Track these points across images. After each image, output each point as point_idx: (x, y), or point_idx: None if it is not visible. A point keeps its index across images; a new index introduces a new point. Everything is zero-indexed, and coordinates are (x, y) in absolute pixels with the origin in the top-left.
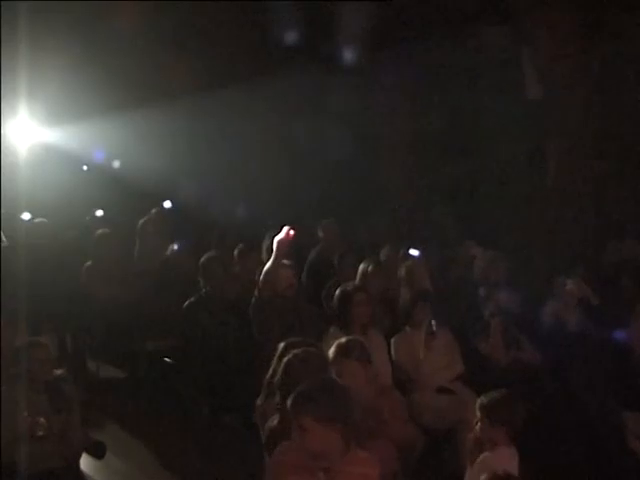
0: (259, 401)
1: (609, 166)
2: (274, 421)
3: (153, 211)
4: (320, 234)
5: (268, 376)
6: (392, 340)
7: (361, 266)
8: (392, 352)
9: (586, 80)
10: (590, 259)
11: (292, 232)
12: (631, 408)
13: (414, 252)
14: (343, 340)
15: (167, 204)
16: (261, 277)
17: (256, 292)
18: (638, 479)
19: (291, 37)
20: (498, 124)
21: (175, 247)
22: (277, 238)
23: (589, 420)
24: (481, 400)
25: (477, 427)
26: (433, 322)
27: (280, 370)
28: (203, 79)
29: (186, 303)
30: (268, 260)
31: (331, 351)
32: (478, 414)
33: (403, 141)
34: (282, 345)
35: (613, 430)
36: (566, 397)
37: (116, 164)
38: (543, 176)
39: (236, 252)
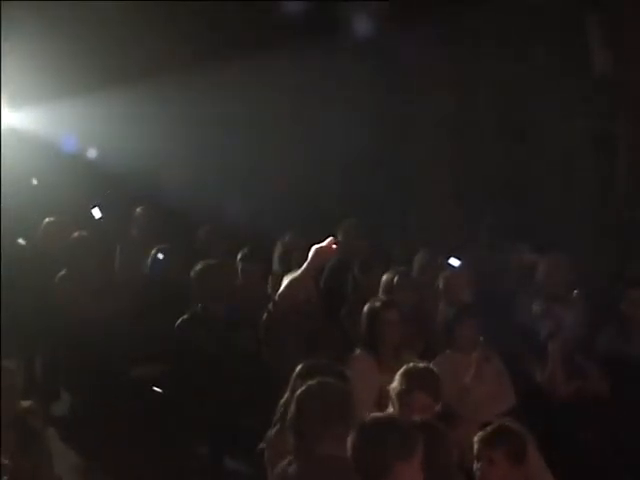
0: (270, 435)
1: None
2: (287, 462)
3: (138, 210)
4: (340, 237)
5: (282, 403)
6: (430, 365)
7: (385, 277)
8: None
9: None
10: None
11: (335, 246)
12: None
13: (454, 261)
14: (414, 367)
15: (157, 202)
16: (282, 288)
17: (270, 306)
18: None
19: (298, 5)
20: (557, 104)
21: (165, 253)
22: (316, 247)
23: None
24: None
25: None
26: (487, 346)
27: (292, 404)
28: (193, 54)
29: (178, 321)
30: (280, 270)
31: (396, 380)
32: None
33: (439, 125)
34: (300, 367)
35: None
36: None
37: (91, 153)
38: (614, 166)
39: (239, 259)
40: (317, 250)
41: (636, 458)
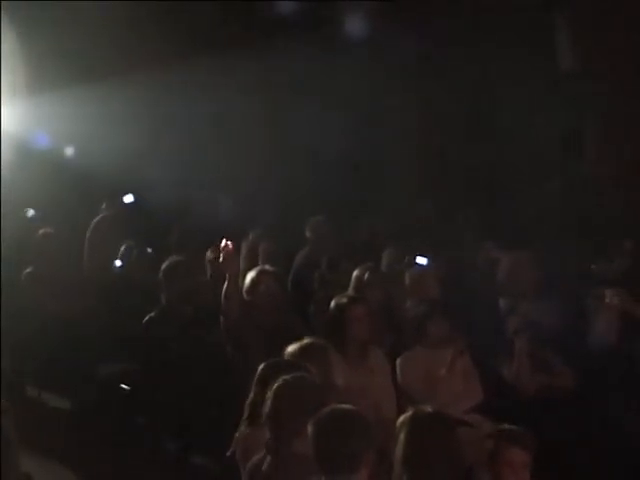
0: (239, 433)
1: None
2: (261, 458)
3: (104, 206)
4: (308, 234)
5: (249, 402)
6: (398, 361)
7: (355, 273)
8: (398, 375)
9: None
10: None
11: (230, 245)
12: None
13: (421, 260)
14: None
15: (128, 198)
16: (222, 298)
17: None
18: None
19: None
20: (525, 100)
21: (133, 250)
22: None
23: (636, 458)
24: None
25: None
26: (459, 339)
27: (270, 400)
28: (171, 50)
29: (145, 318)
30: (247, 266)
31: None
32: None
33: (411, 125)
34: (263, 366)
35: None
36: (607, 432)
37: (64, 151)
38: (580, 164)
39: (208, 256)
40: (221, 263)
41: (601, 452)
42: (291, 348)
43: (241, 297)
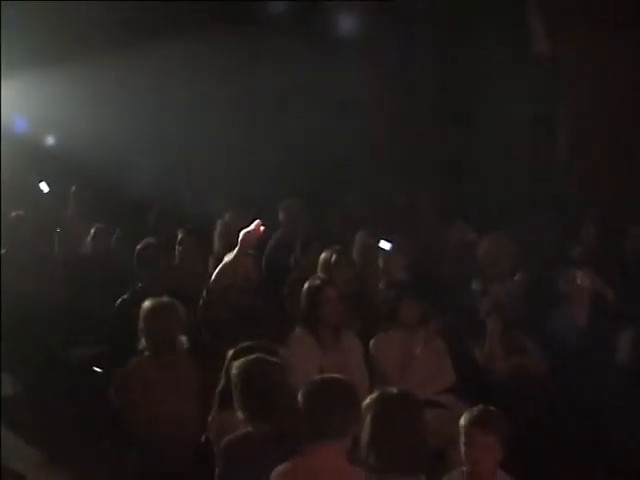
0: (212, 417)
1: (632, 137)
2: (234, 436)
3: (73, 189)
4: (281, 217)
5: (221, 387)
6: (371, 343)
7: (322, 255)
8: (371, 358)
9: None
10: (608, 247)
11: (262, 228)
12: None
13: (386, 244)
14: None
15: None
16: (216, 270)
17: (207, 287)
18: None
19: None
20: (498, 85)
21: (104, 233)
22: (245, 231)
23: (605, 438)
24: (464, 420)
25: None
26: (426, 321)
27: (236, 381)
28: (145, 30)
29: (118, 301)
30: (220, 250)
31: None
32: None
33: (383, 107)
34: (233, 351)
35: (633, 450)
36: (578, 411)
37: (36, 132)
38: (553, 149)
39: (180, 239)
40: (245, 235)
41: (573, 432)
42: None
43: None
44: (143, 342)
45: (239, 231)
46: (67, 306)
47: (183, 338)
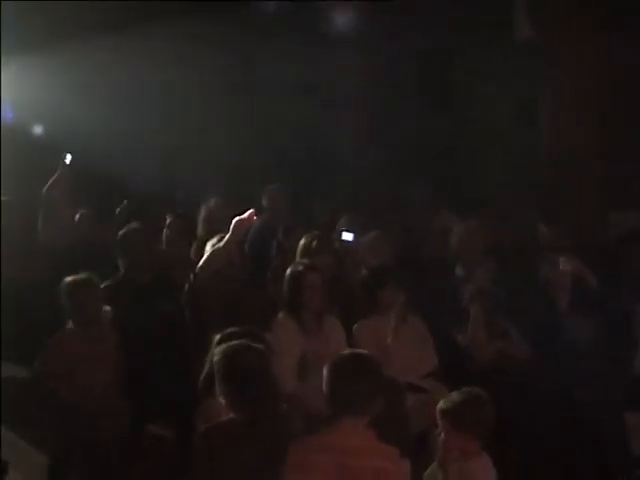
0: (202, 405)
1: (616, 122)
2: (216, 423)
3: (57, 173)
4: (264, 203)
5: (205, 373)
6: (354, 328)
7: (302, 241)
8: (353, 343)
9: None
10: (590, 233)
11: (255, 217)
12: (632, 407)
13: (347, 236)
14: None
15: (68, 159)
16: (205, 256)
17: (193, 273)
18: None
19: None
20: (480, 70)
21: (89, 218)
22: (237, 219)
23: (585, 421)
24: (441, 405)
25: (441, 436)
26: (405, 306)
27: (218, 367)
28: (128, 15)
29: (102, 286)
30: (204, 235)
31: None
32: (440, 421)
33: (360, 92)
34: (219, 337)
35: (612, 432)
36: (559, 395)
37: (20, 118)
38: (536, 134)
39: (168, 223)
40: (238, 222)
41: (555, 417)
42: None
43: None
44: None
45: (223, 217)
46: (50, 291)
47: (107, 308)
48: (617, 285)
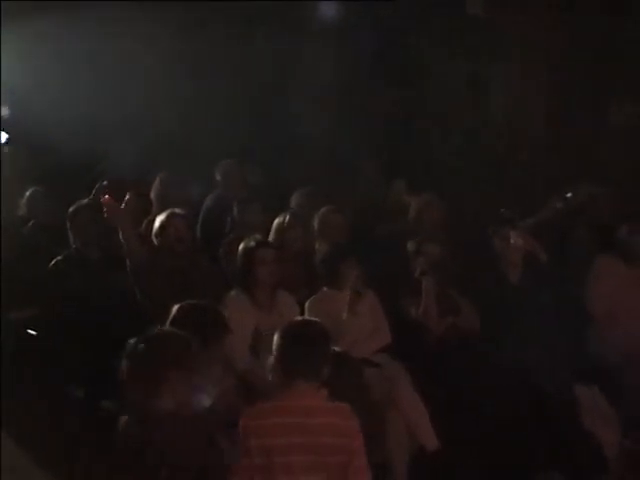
0: None
1: (566, 96)
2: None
3: (5, 150)
4: (218, 177)
5: None
6: (307, 303)
7: (277, 220)
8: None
9: None
10: (541, 207)
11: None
12: (584, 381)
13: None
14: None
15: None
16: (154, 230)
17: (142, 248)
18: (592, 458)
19: None
20: (430, 44)
21: (40, 194)
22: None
23: (536, 395)
24: None
25: None
26: (359, 280)
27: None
28: None
29: (52, 262)
30: (158, 209)
31: None
32: None
33: (317, 70)
34: (177, 308)
35: (563, 406)
36: (510, 368)
37: None
38: (488, 108)
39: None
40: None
41: (505, 390)
42: None
43: (150, 240)
44: None
45: (174, 194)
46: (2, 268)
47: None
48: (567, 260)
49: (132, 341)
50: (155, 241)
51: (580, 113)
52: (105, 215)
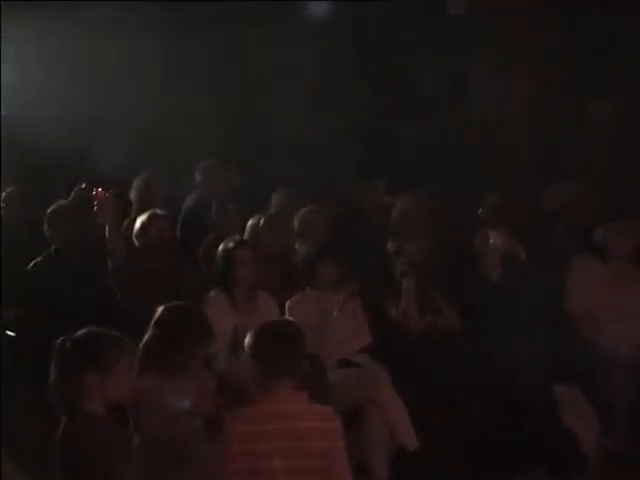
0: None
1: (547, 91)
2: None
3: None
4: (198, 178)
5: (143, 346)
6: (287, 304)
7: (251, 221)
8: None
9: None
10: (521, 205)
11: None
12: (563, 380)
13: None
14: None
15: None
16: (135, 231)
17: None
18: (571, 457)
19: None
20: (411, 43)
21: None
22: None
23: (515, 394)
24: None
25: None
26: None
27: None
28: None
29: (31, 264)
30: (139, 209)
31: None
32: None
33: (302, 70)
34: (162, 309)
35: (543, 405)
36: (489, 367)
37: None
38: (467, 103)
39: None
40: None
41: (485, 388)
42: None
43: (130, 241)
44: None
45: (154, 195)
46: None
47: None
48: (547, 259)
49: (59, 340)
50: (136, 242)
51: (563, 113)
52: (95, 210)
